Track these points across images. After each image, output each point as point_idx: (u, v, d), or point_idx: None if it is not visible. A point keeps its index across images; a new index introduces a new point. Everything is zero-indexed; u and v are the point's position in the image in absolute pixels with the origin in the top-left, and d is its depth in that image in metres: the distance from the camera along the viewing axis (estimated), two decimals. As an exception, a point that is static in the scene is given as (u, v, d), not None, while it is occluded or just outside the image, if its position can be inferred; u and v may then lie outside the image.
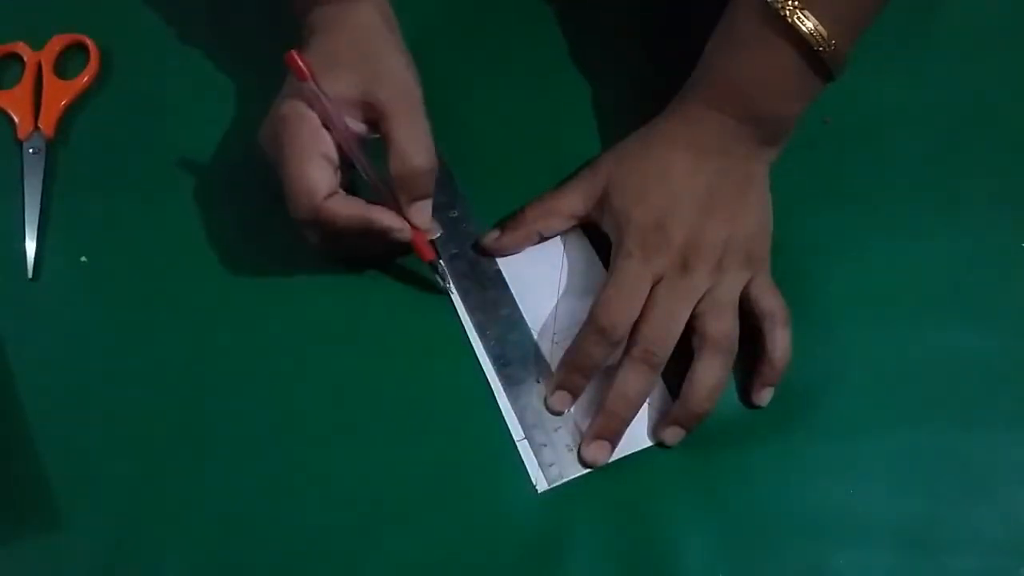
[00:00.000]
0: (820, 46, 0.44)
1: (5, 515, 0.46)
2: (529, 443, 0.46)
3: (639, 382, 0.45)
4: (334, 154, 0.46)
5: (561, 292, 0.50)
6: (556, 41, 0.58)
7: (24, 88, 0.57)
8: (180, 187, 0.54)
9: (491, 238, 0.51)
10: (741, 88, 0.47)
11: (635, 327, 0.46)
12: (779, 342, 0.46)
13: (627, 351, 0.46)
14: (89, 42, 0.59)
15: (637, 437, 0.46)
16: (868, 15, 0.46)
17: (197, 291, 0.51)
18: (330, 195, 0.45)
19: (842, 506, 0.45)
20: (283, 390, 0.48)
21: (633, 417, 0.46)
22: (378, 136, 0.47)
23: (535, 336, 0.49)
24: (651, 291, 0.46)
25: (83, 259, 0.52)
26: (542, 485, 0.46)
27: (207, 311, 0.50)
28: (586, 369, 0.46)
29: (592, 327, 0.46)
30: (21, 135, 0.56)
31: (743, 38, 0.46)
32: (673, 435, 0.46)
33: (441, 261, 0.49)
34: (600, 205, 0.49)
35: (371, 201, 0.47)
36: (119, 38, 0.59)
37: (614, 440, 0.46)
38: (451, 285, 0.49)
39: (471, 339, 0.49)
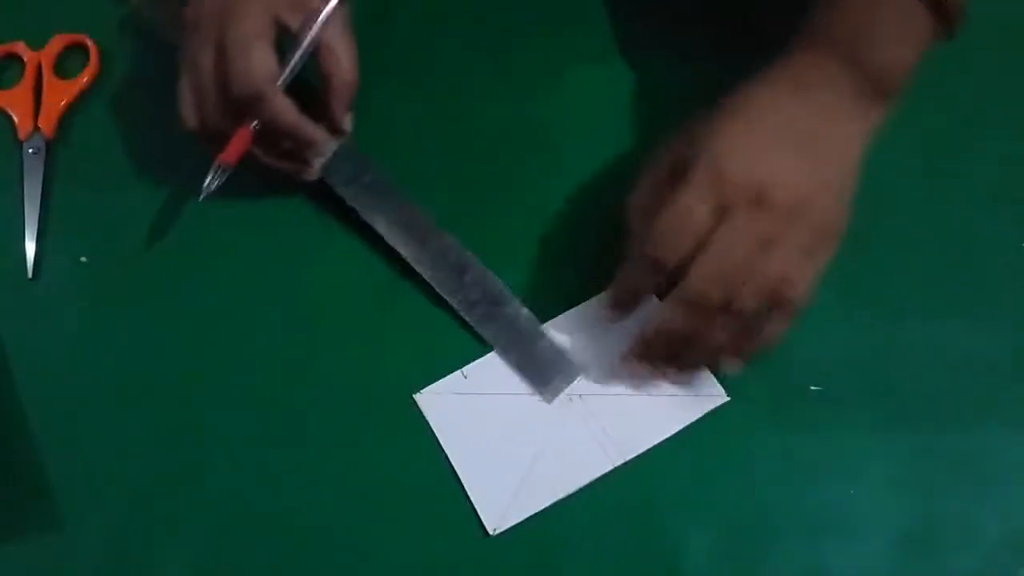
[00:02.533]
0: None
1: (5, 515, 0.46)
2: None
3: (682, 324, 0.43)
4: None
5: None
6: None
7: (24, 88, 0.57)
8: (180, 187, 0.54)
9: (609, 311, 0.47)
10: (849, 28, 0.44)
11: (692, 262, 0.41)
12: (776, 327, 0.44)
13: (678, 287, 0.42)
14: (89, 42, 0.59)
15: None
16: None
17: (197, 291, 0.51)
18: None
19: (842, 506, 0.45)
20: (284, 390, 0.48)
21: (670, 353, 0.45)
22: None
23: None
24: (717, 226, 0.41)
25: (83, 259, 0.52)
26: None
27: (207, 311, 0.50)
28: (633, 295, 0.45)
29: (643, 256, 0.43)
30: (21, 135, 0.56)
31: None
32: (734, 365, 0.45)
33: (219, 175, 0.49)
34: (683, 158, 0.43)
35: None
36: (119, 38, 0.59)
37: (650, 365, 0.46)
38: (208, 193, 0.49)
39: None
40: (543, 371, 0.47)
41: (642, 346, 0.46)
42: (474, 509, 0.45)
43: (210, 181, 0.48)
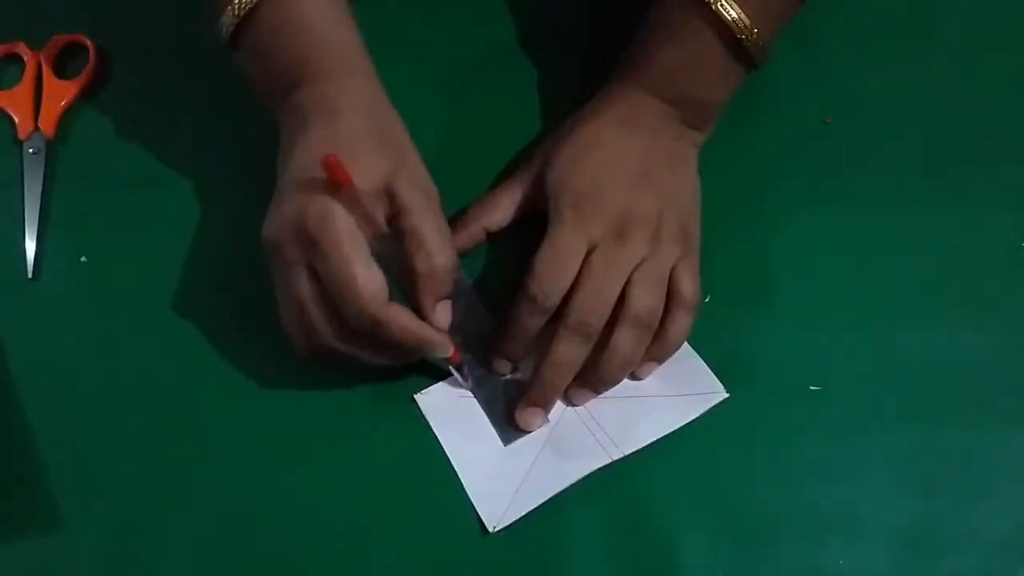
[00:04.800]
0: (743, 34, 0.46)
1: (5, 515, 0.46)
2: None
3: (572, 352, 0.45)
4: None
5: None
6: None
7: (24, 88, 0.57)
8: (180, 187, 0.54)
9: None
10: (667, 72, 0.49)
11: (569, 294, 0.45)
12: (679, 326, 0.47)
13: (561, 319, 0.45)
14: (89, 42, 0.59)
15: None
16: (788, 6, 0.48)
17: (196, 291, 0.51)
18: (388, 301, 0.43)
19: (842, 506, 0.45)
20: (285, 390, 0.48)
21: (566, 384, 0.46)
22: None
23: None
24: (586, 258, 0.45)
25: (83, 259, 0.52)
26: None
27: (206, 311, 0.50)
28: (522, 337, 0.46)
29: (525, 296, 0.45)
30: (21, 135, 0.56)
31: (670, 24, 0.48)
32: (582, 396, 0.47)
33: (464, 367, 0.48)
34: (537, 186, 0.49)
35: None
36: (119, 38, 0.59)
37: (547, 407, 0.46)
38: (471, 384, 0.48)
39: None
40: (505, 415, 0.47)
41: (541, 385, 0.46)
42: (474, 507, 0.45)
43: (463, 381, 0.47)
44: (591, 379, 0.46)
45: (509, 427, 0.47)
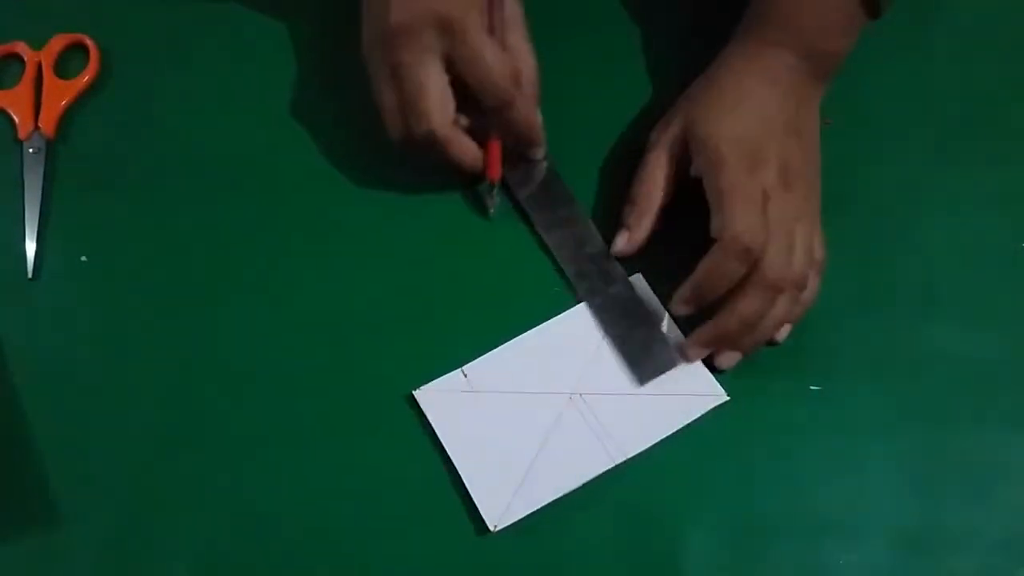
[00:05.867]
0: None
1: (5, 515, 0.46)
2: None
3: (761, 307, 0.45)
4: None
5: None
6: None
7: (24, 88, 0.57)
8: (180, 187, 0.54)
9: (623, 243, 0.50)
10: (799, 24, 0.49)
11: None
12: (812, 288, 0.47)
13: (749, 275, 0.45)
14: (89, 42, 0.59)
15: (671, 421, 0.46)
16: None
17: (196, 291, 0.51)
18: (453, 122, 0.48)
19: (842, 506, 0.45)
20: (284, 388, 0.48)
21: (745, 338, 0.46)
22: None
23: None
24: (767, 211, 0.45)
25: (83, 259, 0.52)
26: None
27: (207, 311, 0.50)
28: (721, 289, 0.45)
29: (733, 249, 0.44)
30: (21, 135, 0.56)
31: None
32: (730, 359, 0.47)
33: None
34: (683, 147, 0.49)
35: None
36: (119, 38, 0.59)
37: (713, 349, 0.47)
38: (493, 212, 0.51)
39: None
40: (638, 354, 0.48)
41: (720, 332, 0.46)
42: (475, 506, 0.45)
43: (490, 202, 0.51)
44: (744, 342, 0.46)
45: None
